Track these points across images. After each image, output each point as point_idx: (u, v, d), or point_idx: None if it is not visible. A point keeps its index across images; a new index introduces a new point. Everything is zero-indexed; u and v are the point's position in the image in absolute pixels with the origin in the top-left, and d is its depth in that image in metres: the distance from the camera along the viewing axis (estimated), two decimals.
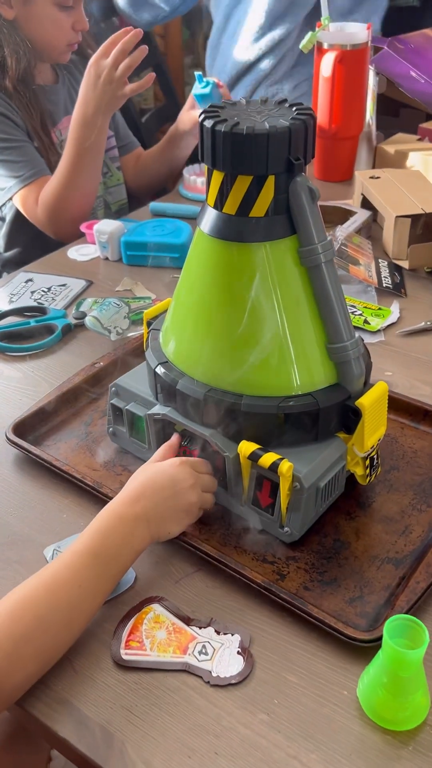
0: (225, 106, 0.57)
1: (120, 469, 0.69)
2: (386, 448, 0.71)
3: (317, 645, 0.54)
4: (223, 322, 0.59)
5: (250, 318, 0.58)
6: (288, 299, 0.57)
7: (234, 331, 0.59)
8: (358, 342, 0.60)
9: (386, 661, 0.47)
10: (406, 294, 0.97)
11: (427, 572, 0.57)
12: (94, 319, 0.87)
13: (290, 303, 0.58)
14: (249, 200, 0.55)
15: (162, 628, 0.55)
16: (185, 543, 0.60)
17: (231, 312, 0.58)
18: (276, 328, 0.58)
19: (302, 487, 0.57)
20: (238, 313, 0.58)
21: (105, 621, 0.56)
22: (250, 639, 0.54)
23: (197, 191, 1.26)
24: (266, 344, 0.58)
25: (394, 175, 1.13)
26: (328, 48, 1.18)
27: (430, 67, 1.37)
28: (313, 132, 0.54)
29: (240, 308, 0.58)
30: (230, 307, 0.58)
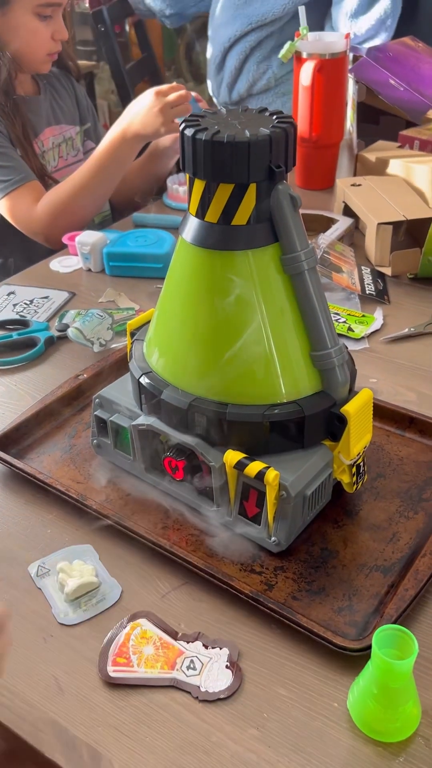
0: (205, 115, 0.57)
1: (105, 481, 0.68)
2: (372, 456, 0.70)
3: (307, 657, 0.53)
4: (207, 330, 0.58)
5: (234, 326, 0.57)
6: (271, 307, 0.57)
7: (218, 339, 0.58)
8: (342, 349, 0.60)
9: (376, 672, 0.47)
10: (389, 301, 0.97)
11: (416, 579, 0.56)
12: (77, 331, 0.87)
13: (274, 311, 0.57)
14: (231, 208, 0.54)
15: (149, 643, 0.54)
16: (171, 554, 0.59)
17: (214, 321, 0.58)
18: (260, 336, 0.57)
19: (289, 495, 0.57)
20: (221, 322, 0.58)
21: (91, 638, 0.55)
22: (239, 652, 0.54)
23: (181, 200, 1.26)
24: (250, 352, 0.58)
25: (376, 182, 1.13)
26: (307, 57, 1.19)
27: (410, 75, 1.39)
28: (293, 140, 0.54)
29: (223, 317, 0.58)
30: (214, 315, 0.58)
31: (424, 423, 0.73)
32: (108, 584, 0.59)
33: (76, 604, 0.57)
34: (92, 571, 0.59)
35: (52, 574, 0.60)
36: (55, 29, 1.19)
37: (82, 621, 0.56)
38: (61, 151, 1.31)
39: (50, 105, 1.30)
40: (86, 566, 0.59)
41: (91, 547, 0.62)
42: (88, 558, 0.61)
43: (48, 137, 1.28)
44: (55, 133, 1.30)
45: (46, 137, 1.28)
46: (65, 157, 1.32)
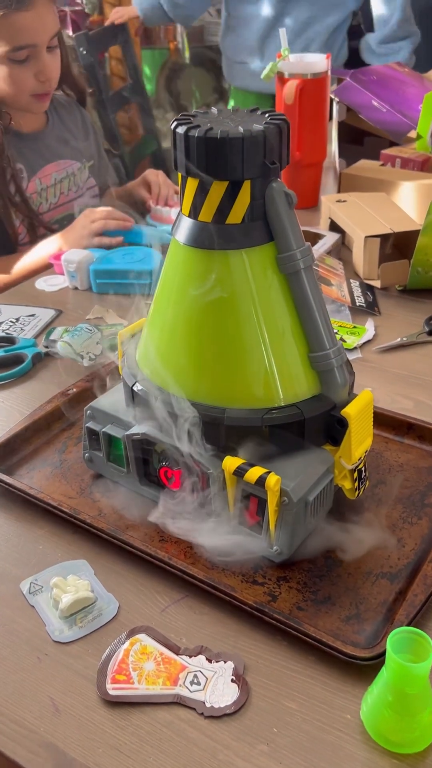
0: (197, 114, 0.56)
1: (97, 495, 0.66)
2: (372, 463, 0.69)
3: (315, 668, 0.51)
4: (202, 333, 0.57)
5: (230, 328, 0.56)
6: (268, 307, 0.56)
7: (213, 342, 0.57)
8: (341, 350, 0.59)
9: (391, 678, 0.44)
10: (379, 312, 0.97)
11: (425, 584, 0.54)
12: (66, 345, 0.85)
13: (270, 311, 0.56)
14: (225, 207, 0.53)
15: (150, 659, 0.52)
16: (170, 567, 0.57)
17: (209, 323, 0.57)
18: (257, 337, 0.56)
19: (291, 501, 0.55)
20: (216, 324, 0.56)
21: (88, 655, 0.52)
22: (244, 666, 0.51)
23: (165, 221, 1.26)
24: (247, 354, 0.56)
25: (361, 198, 1.14)
26: (288, 77, 1.20)
27: (393, 97, 1.41)
28: (287, 137, 0.54)
29: (218, 319, 0.56)
30: (208, 317, 0.56)
31: (422, 429, 0.71)
32: (104, 599, 0.56)
33: (71, 621, 0.55)
34: (87, 586, 0.57)
35: (46, 590, 0.57)
36: (38, 70, 1.15)
37: (78, 638, 0.54)
38: (62, 187, 1.31)
39: (57, 138, 1.29)
40: (81, 581, 0.57)
41: (85, 562, 0.60)
42: (83, 573, 0.59)
43: (50, 173, 1.28)
44: (58, 168, 1.29)
45: (47, 173, 1.27)
46: (66, 193, 1.32)
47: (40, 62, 1.15)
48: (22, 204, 1.22)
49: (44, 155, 1.27)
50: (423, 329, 0.91)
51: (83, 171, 1.35)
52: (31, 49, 1.13)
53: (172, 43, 2.64)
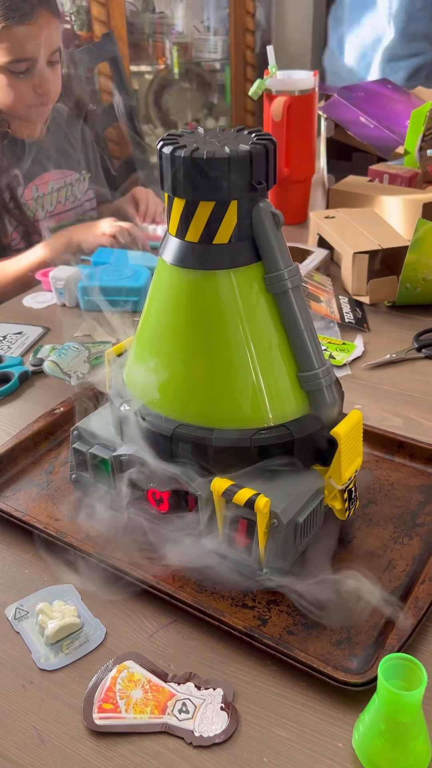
0: (183, 134, 0.56)
1: (85, 517, 0.65)
2: (362, 483, 0.68)
3: (306, 694, 0.50)
4: (189, 353, 0.56)
5: (218, 348, 0.56)
6: (256, 328, 0.56)
7: (201, 362, 0.56)
8: (330, 369, 0.58)
9: (383, 706, 0.44)
10: (368, 328, 0.97)
11: (416, 607, 0.54)
12: (53, 364, 0.84)
13: (259, 331, 0.56)
14: (212, 227, 0.53)
15: (137, 686, 0.50)
16: (158, 591, 0.56)
17: (197, 343, 0.56)
18: (245, 358, 0.56)
19: (280, 523, 0.54)
20: (204, 344, 0.56)
21: (74, 683, 0.51)
22: (234, 692, 0.50)
23: (152, 239, 1.25)
24: (236, 375, 0.56)
25: (349, 214, 1.14)
26: (276, 94, 1.20)
27: (380, 113, 1.41)
28: (274, 157, 0.53)
29: (206, 339, 0.56)
30: (196, 338, 0.56)
31: (413, 447, 0.71)
32: (91, 625, 0.55)
33: (57, 648, 0.54)
34: (74, 611, 0.55)
35: (31, 616, 0.56)
36: (37, 83, 1.16)
37: (64, 665, 0.53)
38: (59, 196, 1.31)
39: (56, 148, 1.30)
40: (67, 607, 0.56)
41: (72, 586, 0.59)
42: (70, 598, 0.57)
43: (48, 181, 1.28)
44: (56, 177, 1.30)
45: (45, 181, 1.27)
46: (63, 203, 1.32)
47: (39, 76, 1.16)
48: (16, 210, 1.22)
49: (42, 163, 1.27)
50: (412, 345, 0.91)
51: (82, 182, 1.35)
52: (31, 62, 1.14)
53: (161, 59, 2.65)
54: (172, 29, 2.59)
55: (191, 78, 2.80)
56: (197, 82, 2.81)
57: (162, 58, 2.65)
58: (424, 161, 1.32)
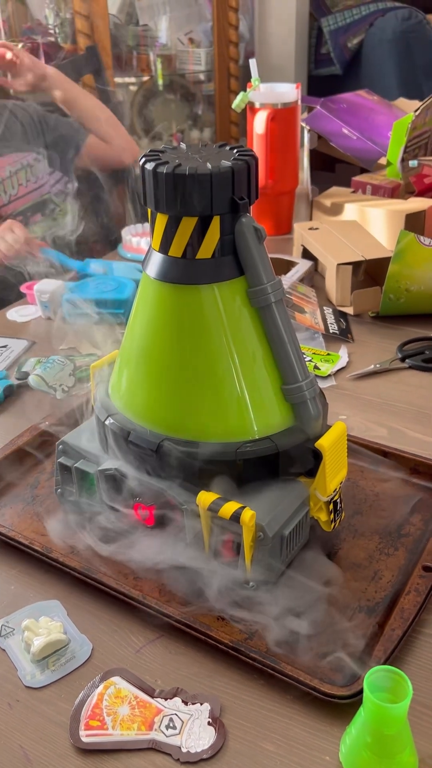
0: (165, 150, 0.56)
1: (71, 532, 0.65)
2: (347, 493, 0.69)
3: (293, 707, 0.50)
4: (174, 367, 0.57)
5: (203, 362, 0.56)
6: (240, 341, 0.56)
7: (186, 376, 0.56)
8: (313, 382, 0.58)
9: (368, 718, 0.44)
10: (353, 339, 0.97)
11: (402, 618, 0.54)
12: (39, 378, 0.84)
13: (243, 345, 0.56)
14: (195, 242, 0.53)
15: (124, 703, 0.50)
16: (144, 606, 0.56)
17: (182, 357, 0.56)
18: (229, 371, 0.56)
19: (266, 536, 0.55)
20: (189, 358, 0.56)
21: (61, 701, 0.51)
22: (221, 707, 0.50)
23: (135, 251, 1.26)
24: (220, 388, 0.56)
25: (332, 225, 1.15)
26: (259, 107, 1.21)
27: (363, 125, 1.43)
28: (255, 172, 0.54)
29: (191, 353, 0.56)
30: (181, 351, 0.56)
31: (398, 457, 0.71)
32: (77, 641, 0.55)
33: (43, 665, 0.53)
34: (60, 627, 0.55)
35: (17, 633, 0.56)
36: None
37: (50, 682, 0.52)
38: (19, 178, 1.31)
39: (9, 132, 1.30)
40: (53, 623, 0.56)
41: (58, 602, 0.58)
42: (56, 614, 0.57)
43: (4, 166, 1.28)
44: (10, 161, 1.30)
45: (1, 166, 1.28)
46: (25, 185, 1.32)
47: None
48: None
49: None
50: (396, 356, 0.92)
51: (41, 162, 1.35)
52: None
53: (145, 71, 2.66)
54: (156, 41, 2.61)
55: (175, 89, 2.81)
56: (181, 94, 2.82)
57: (146, 69, 2.66)
58: (407, 172, 1.34)
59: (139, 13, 2.57)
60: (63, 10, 2.35)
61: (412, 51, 2.58)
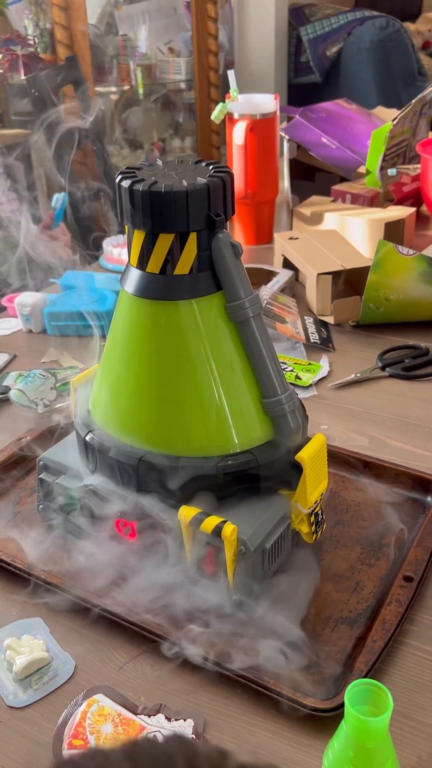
0: (141, 167, 0.56)
1: (53, 548, 0.65)
2: (329, 503, 0.69)
3: (276, 721, 0.50)
4: (154, 382, 0.57)
5: (182, 377, 0.56)
6: (219, 356, 0.56)
7: (166, 391, 0.57)
8: (293, 395, 0.59)
9: (350, 732, 0.44)
10: (333, 348, 0.98)
11: (383, 629, 0.54)
12: (20, 392, 0.84)
13: (222, 359, 0.56)
14: (172, 258, 0.54)
15: (107, 721, 0.50)
16: (127, 622, 0.56)
17: (161, 372, 0.56)
18: (209, 385, 0.56)
19: (248, 550, 0.55)
20: (168, 373, 0.56)
21: (44, 720, 0.51)
22: (204, 723, 0.50)
23: (116, 262, 1.26)
24: (200, 402, 0.56)
25: (312, 235, 1.16)
26: (238, 118, 1.22)
27: (341, 134, 1.44)
28: (231, 189, 0.54)
29: (170, 368, 0.56)
30: (160, 367, 0.56)
31: (378, 467, 0.72)
32: (60, 659, 0.55)
33: (26, 684, 0.53)
34: (42, 645, 0.55)
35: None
36: None
37: (33, 702, 0.52)
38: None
39: None
40: (36, 641, 0.55)
41: (40, 620, 0.58)
42: (38, 632, 0.57)
43: None
44: None
45: None
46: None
47: None
48: None
49: None
50: (376, 365, 0.93)
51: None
52: None
53: (125, 80, 2.67)
54: (136, 51, 2.61)
55: (156, 98, 2.82)
56: (162, 103, 2.83)
57: (126, 79, 2.66)
58: (386, 181, 1.35)
59: (118, 23, 2.58)
60: (42, 20, 2.35)
61: (389, 59, 2.61)
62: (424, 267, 0.95)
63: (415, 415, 0.83)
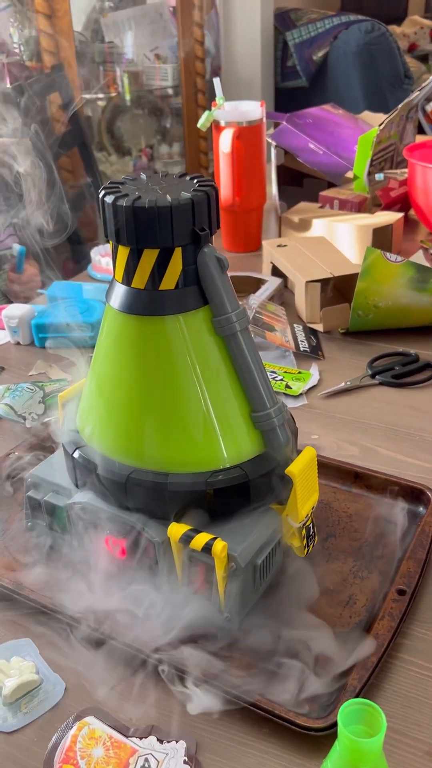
0: (125, 181, 0.56)
1: (42, 567, 0.64)
2: (320, 515, 0.69)
3: (269, 741, 0.50)
4: (141, 398, 0.56)
5: (170, 392, 0.55)
6: (207, 371, 0.56)
7: (153, 407, 0.56)
8: (282, 408, 0.58)
9: (344, 753, 0.43)
10: (323, 356, 0.98)
11: (377, 644, 0.54)
12: (7, 407, 0.83)
13: (210, 374, 0.56)
14: (157, 273, 0.53)
15: (98, 744, 0.49)
16: (117, 642, 0.55)
17: (149, 388, 0.56)
18: (197, 400, 0.56)
19: (239, 566, 0.54)
20: (156, 389, 0.56)
21: (33, 745, 0.50)
22: (197, 744, 0.49)
23: (104, 271, 1.25)
24: (189, 418, 0.56)
25: (301, 242, 1.15)
26: (225, 125, 1.22)
27: (329, 139, 1.44)
28: (216, 203, 0.54)
29: (158, 383, 0.56)
30: (147, 382, 0.56)
31: (370, 477, 0.71)
32: (50, 681, 0.54)
33: (15, 707, 0.52)
34: (32, 667, 0.54)
35: None
36: None
37: (23, 725, 0.51)
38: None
39: None
40: (25, 663, 0.55)
41: (29, 640, 0.57)
42: (27, 653, 0.56)
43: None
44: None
45: None
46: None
47: None
48: None
49: None
50: (366, 372, 0.92)
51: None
52: None
53: (112, 87, 2.67)
54: (123, 58, 2.61)
55: (143, 105, 2.82)
56: (149, 109, 2.83)
57: (113, 86, 2.66)
58: (373, 186, 1.35)
59: (104, 30, 2.58)
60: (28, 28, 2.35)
61: (376, 63, 2.62)
62: (412, 273, 0.95)
63: (405, 423, 0.83)
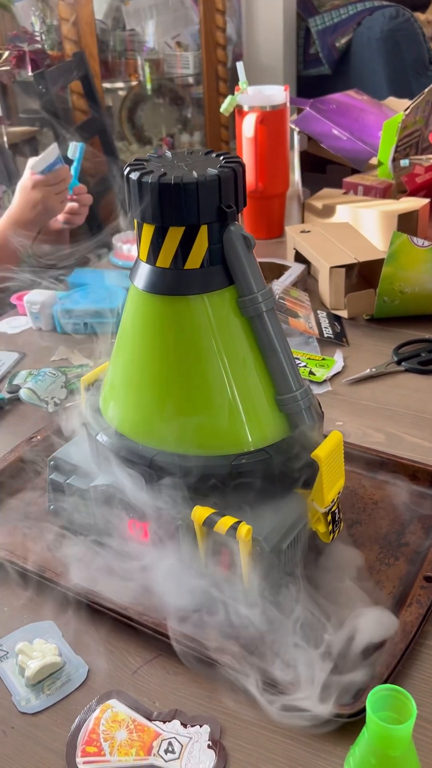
0: (150, 158, 0.55)
1: (65, 550, 0.63)
2: (346, 502, 0.67)
3: (295, 728, 0.49)
4: (165, 380, 0.55)
5: (194, 374, 0.55)
6: (232, 352, 0.55)
7: (177, 389, 0.55)
8: (308, 391, 0.57)
9: (372, 740, 0.42)
10: (348, 343, 0.96)
11: (404, 632, 0.53)
12: (30, 391, 0.83)
13: (234, 356, 0.55)
14: (183, 252, 0.52)
15: (122, 727, 0.49)
16: (141, 625, 0.54)
17: (172, 369, 0.55)
18: (222, 382, 0.55)
19: (264, 550, 0.53)
20: (180, 370, 0.55)
21: (56, 726, 0.50)
22: (221, 729, 0.49)
23: (126, 258, 1.25)
24: (213, 400, 0.55)
25: (324, 228, 1.14)
26: (248, 110, 1.20)
27: (353, 125, 1.42)
28: (243, 180, 0.53)
29: (181, 365, 0.55)
30: (171, 364, 0.55)
31: (396, 464, 0.70)
32: (73, 663, 0.54)
33: (38, 689, 0.52)
34: (55, 650, 0.54)
35: (11, 656, 0.54)
36: None
37: (46, 707, 0.51)
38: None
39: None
40: (48, 645, 0.54)
41: (53, 623, 0.57)
42: (50, 636, 0.56)
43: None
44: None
45: None
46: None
47: None
48: None
49: None
50: (391, 359, 0.91)
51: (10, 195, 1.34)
52: None
53: (133, 75, 2.66)
54: (144, 46, 2.60)
55: (164, 93, 2.80)
56: (170, 98, 2.81)
57: (134, 74, 2.65)
58: (398, 172, 1.33)
59: (125, 18, 2.57)
60: (49, 16, 2.34)
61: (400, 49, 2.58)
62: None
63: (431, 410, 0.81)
